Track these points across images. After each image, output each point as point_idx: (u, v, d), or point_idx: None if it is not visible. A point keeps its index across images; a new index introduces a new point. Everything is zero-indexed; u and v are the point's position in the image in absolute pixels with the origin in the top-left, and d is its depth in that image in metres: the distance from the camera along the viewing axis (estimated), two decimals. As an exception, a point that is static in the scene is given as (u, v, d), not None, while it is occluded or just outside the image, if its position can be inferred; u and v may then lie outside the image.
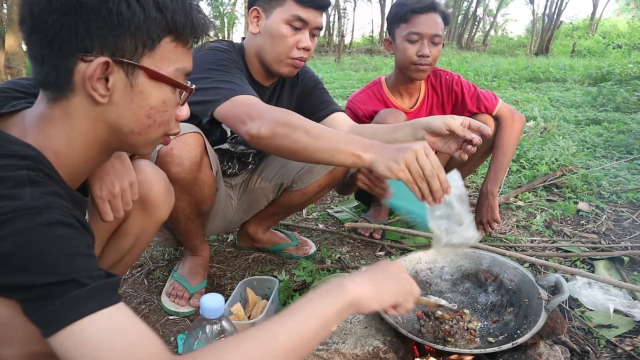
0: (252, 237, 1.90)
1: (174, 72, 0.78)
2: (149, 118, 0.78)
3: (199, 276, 1.65)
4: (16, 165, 0.67)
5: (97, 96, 0.72)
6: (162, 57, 0.75)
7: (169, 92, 0.78)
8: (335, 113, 1.63)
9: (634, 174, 2.74)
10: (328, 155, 1.09)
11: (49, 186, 0.69)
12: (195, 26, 0.78)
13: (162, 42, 0.74)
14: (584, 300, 1.48)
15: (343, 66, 11.51)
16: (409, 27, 1.82)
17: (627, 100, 4.85)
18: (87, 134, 0.77)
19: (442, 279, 1.45)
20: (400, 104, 1.99)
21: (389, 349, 1.13)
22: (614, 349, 1.31)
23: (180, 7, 0.75)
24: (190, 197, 1.45)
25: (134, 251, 1.24)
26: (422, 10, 1.81)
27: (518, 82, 7.35)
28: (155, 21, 0.72)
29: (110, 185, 0.98)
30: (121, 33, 0.70)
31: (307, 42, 1.44)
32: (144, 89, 0.75)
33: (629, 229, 2.08)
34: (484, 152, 2.02)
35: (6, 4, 7.10)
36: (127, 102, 0.75)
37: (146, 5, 0.71)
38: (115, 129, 0.78)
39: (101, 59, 0.69)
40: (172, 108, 0.81)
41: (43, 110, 0.76)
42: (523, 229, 2.13)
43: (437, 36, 1.82)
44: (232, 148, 1.63)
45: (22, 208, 0.63)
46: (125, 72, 0.73)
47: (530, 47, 16.07)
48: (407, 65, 1.86)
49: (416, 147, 1.00)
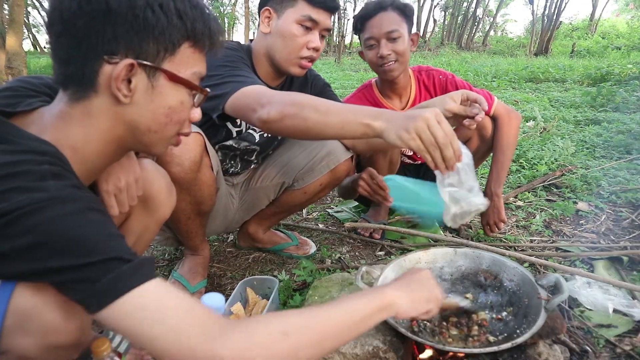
0: (253, 237, 1.90)
1: (191, 76, 0.83)
2: (166, 117, 0.83)
3: (199, 276, 1.65)
4: (37, 161, 0.69)
5: (121, 96, 0.76)
6: (181, 61, 0.81)
7: (185, 94, 0.84)
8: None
9: (633, 174, 2.74)
10: (338, 128, 1.08)
11: (71, 179, 0.72)
12: (212, 33, 0.83)
13: (181, 47, 0.80)
14: (584, 300, 1.48)
15: (343, 66, 11.52)
16: (365, 34, 1.85)
17: (626, 101, 4.85)
18: (105, 133, 0.80)
19: (442, 278, 1.45)
20: (391, 105, 1.99)
21: (389, 349, 1.13)
22: (613, 349, 1.31)
23: (199, 16, 0.80)
24: (190, 197, 1.45)
25: (136, 250, 1.24)
26: (370, 14, 1.82)
27: (518, 83, 7.35)
28: (176, 27, 0.77)
29: (117, 179, 0.99)
30: (145, 37, 0.75)
31: (317, 42, 1.49)
32: (163, 90, 0.80)
33: (628, 229, 2.09)
34: (483, 153, 2.02)
35: (7, 4, 7.10)
36: (148, 102, 0.80)
37: (169, 13, 0.76)
38: (134, 127, 0.82)
39: (127, 61, 0.74)
40: (188, 109, 0.86)
41: (62, 108, 0.79)
42: (522, 229, 2.13)
43: (391, 32, 1.80)
44: (235, 144, 1.64)
45: (50, 198, 0.66)
46: (147, 74, 0.77)
47: (529, 48, 16.07)
48: (377, 69, 1.89)
49: (427, 115, 0.95)
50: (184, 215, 1.50)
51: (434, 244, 1.94)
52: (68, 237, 0.65)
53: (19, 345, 0.74)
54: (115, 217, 1.07)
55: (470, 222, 2.20)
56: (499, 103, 1.94)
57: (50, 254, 0.65)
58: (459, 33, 21.25)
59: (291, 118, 1.13)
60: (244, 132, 1.63)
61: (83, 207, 0.68)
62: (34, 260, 0.65)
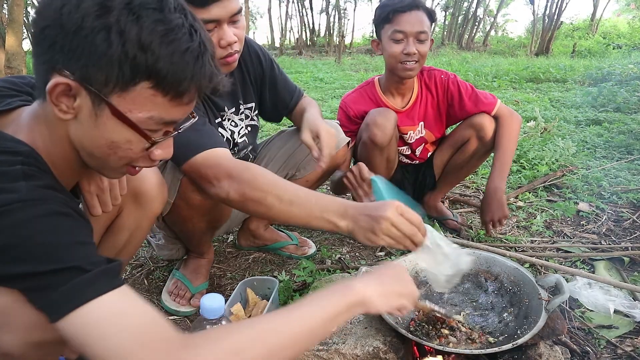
0: (254, 234, 1.90)
1: (145, 120, 0.72)
2: (109, 149, 0.75)
3: (202, 277, 1.65)
4: (10, 161, 0.68)
5: (57, 111, 0.70)
6: (134, 101, 0.70)
7: (134, 135, 0.73)
8: (301, 102, 1.68)
9: (634, 174, 2.74)
10: (304, 222, 1.11)
11: (44, 179, 0.70)
12: (180, 78, 0.70)
13: (137, 86, 0.69)
14: (584, 301, 1.48)
15: (343, 66, 11.50)
16: (393, 27, 1.82)
17: (627, 101, 4.84)
18: (61, 138, 0.76)
19: (442, 279, 1.45)
20: (392, 103, 1.99)
21: (389, 349, 1.13)
22: (614, 350, 1.31)
23: (167, 54, 0.67)
24: (209, 217, 1.49)
25: (130, 247, 1.25)
26: (404, 9, 1.80)
27: (518, 83, 7.34)
28: (133, 60, 0.66)
29: (99, 179, 0.99)
30: (91, 63, 0.66)
31: (228, 38, 1.29)
32: (107, 123, 0.71)
33: (630, 230, 2.08)
34: (481, 155, 2.01)
35: (6, 4, 7.10)
36: (91, 127, 0.72)
37: (128, 42, 0.65)
38: (78, 146, 0.76)
39: (61, 79, 0.67)
40: (138, 148, 0.76)
41: (36, 108, 0.77)
42: (523, 230, 2.13)
43: (422, 33, 1.80)
44: (235, 156, 1.62)
45: (18, 200, 0.64)
46: (92, 100, 0.70)
47: (530, 48, 16.05)
48: (395, 65, 1.86)
49: (389, 215, 1.00)
50: (200, 232, 1.53)
51: (434, 244, 1.93)
52: (31, 243, 0.63)
53: (3, 341, 0.73)
54: (104, 215, 1.07)
55: (471, 223, 2.19)
56: (501, 105, 1.96)
57: (13, 259, 0.63)
58: (459, 33, 21.24)
59: (253, 203, 1.13)
60: (235, 142, 1.60)
61: (51, 210, 0.66)
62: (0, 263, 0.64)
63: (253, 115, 1.66)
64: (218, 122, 1.53)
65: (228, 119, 1.57)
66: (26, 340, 0.74)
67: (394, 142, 1.92)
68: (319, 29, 23.89)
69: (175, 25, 0.69)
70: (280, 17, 44.01)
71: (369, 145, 1.84)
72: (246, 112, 1.63)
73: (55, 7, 0.66)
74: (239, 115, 1.60)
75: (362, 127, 1.88)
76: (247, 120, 1.64)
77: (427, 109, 2.03)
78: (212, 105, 1.51)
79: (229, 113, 1.56)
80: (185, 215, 1.44)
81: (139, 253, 1.95)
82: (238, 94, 1.58)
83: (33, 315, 0.66)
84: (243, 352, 0.66)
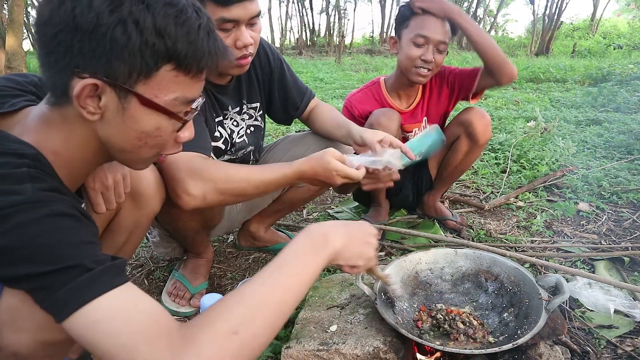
0: (254, 236, 1.89)
1: (171, 101, 0.74)
2: (139, 140, 0.77)
3: (201, 277, 1.65)
4: (15, 163, 0.68)
5: (86, 113, 0.71)
6: (159, 85, 0.72)
7: (164, 119, 0.76)
8: (312, 107, 1.69)
9: (634, 174, 2.74)
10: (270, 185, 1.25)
11: (49, 182, 0.70)
12: (199, 55, 0.73)
13: (160, 70, 0.71)
14: (585, 301, 1.48)
15: (343, 66, 11.50)
16: (417, 29, 1.79)
17: (627, 101, 4.84)
18: (82, 141, 0.77)
19: (443, 279, 1.45)
20: (397, 105, 1.99)
21: (389, 350, 1.13)
22: (615, 350, 1.31)
23: (184, 34, 0.70)
24: (201, 217, 1.47)
25: (128, 246, 1.25)
26: (433, 14, 1.78)
27: (518, 83, 7.33)
28: (152, 48, 0.68)
29: (103, 177, 0.99)
30: (114, 58, 0.67)
31: (245, 39, 1.28)
32: (136, 114, 0.73)
33: (630, 230, 2.08)
34: (473, 150, 1.99)
35: (7, 5, 7.10)
36: (119, 122, 0.74)
37: (145, 31, 0.67)
38: (107, 143, 0.78)
39: (88, 81, 0.68)
40: (167, 134, 0.78)
41: (45, 111, 0.77)
42: (523, 229, 2.13)
43: (443, 43, 1.80)
44: (233, 157, 1.62)
45: (24, 202, 0.64)
46: (117, 94, 0.71)
47: (530, 48, 16.06)
48: (409, 68, 1.85)
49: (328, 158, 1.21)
50: (193, 231, 1.52)
51: (434, 244, 1.93)
52: (35, 244, 0.64)
53: (12, 341, 0.74)
54: (103, 214, 1.07)
55: (471, 223, 2.19)
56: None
57: (18, 260, 0.64)
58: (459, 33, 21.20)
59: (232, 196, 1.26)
60: (231, 141, 1.59)
61: (56, 211, 0.66)
62: (5, 265, 0.64)
63: (257, 115, 1.64)
64: (218, 121, 1.52)
65: (230, 118, 1.56)
66: (34, 340, 0.75)
67: None
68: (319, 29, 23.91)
69: (182, 6, 0.71)
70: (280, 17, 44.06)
71: None
72: (250, 112, 1.62)
73: (66, 10, 0.66)
74: (241, 115, 1.59)
75: (365, 127, 1.88)
76: (250, 120, 1.63)
77: (430, 105, 2.03)
78: (217, 103, 1.50)
79: (232, 112, 1.55)
80: (173, 214, 1.40)
81: (139, 253, 1.95)
82: (243, 93, 1.57)
83: (41, 315, 0.66)
84: (241, 331, 0.68)
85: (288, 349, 1.16)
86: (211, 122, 1.49)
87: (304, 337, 1.19)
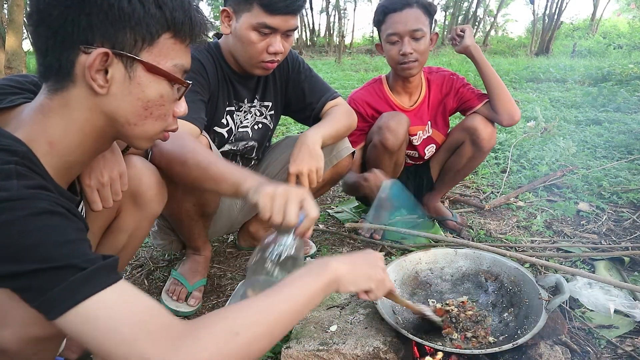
0: (254, 236, 1.89)
1: (171, 68, 0.80)
2: (145, 110, 0.80)
3: (199, 274, 1.65)
4: (5, 160, 0.68)
5: (96, 86, 0.74)
6: (160, 53, 0.78)
7: (166, 86, 0.81)
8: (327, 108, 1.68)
9: (634, 174, 2.73)
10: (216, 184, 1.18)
11: (36, 179, 0.70)
12: (193, 24, 0.81)
13: (161, 38, 0.77)
14: (585, 301, 1.48)
15: (343, 66, 11.48)
16: (387, 29, 1.82)
17: (627, 101, 4.83)
18: (84, 124, 0.79)
19: (443, 279, 1.45)
20: (400, 102, 1.99)
21: (390, 350, 1.13)
22: (615, 350, 1.31)
23: (179, 5, 0.78)
24: (195, 199, 1.46)
25: (129, 248, 1.25)
26: (394, 9, 1.78)
27: (518, 82, 7.33)
28: (154, 17, 0.75)
29: (100, 174, 0.98)
30: (121, 27, 0.73)
31: (277, 47, 1.40)
32: (142, 82, 0.77)
33: (630, 230, 2.08)
34: (476, 157, 2.00)
35: (6, 4, 7.10)
36: (125, 93, 0.77)
37: (146, 2, 0.74)
38: (112, 119, 0.80)
39: (100, 50, 0.72)
40: (169, 103, 0.83)
41: (42, 101, 0.78)
42: (523, 229, 2.13)
43: (416, 31, 1.78)
44: (233, 147, 1.63)
45: (8, 199, 0.64)
46: (124, 64, 0.75)
47: (530, 47, 16.03)
48: (395, 66, 1.87)
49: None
50: (187, 216, 1.50)
51: (434, 244, 1.93)
52: (23, 242, 0.63)
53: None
54: (104, 214, 1.06)
55: (471, 223, 2.19)
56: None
57: (5, 258, 0.63)
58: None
59: (178, 165, 1.20)
60: (235, 132, 1.62)
61: (42, 209, 0.66)
62: None
63: (267, 114, 1.68)
64: (229, 110, 1.56)
65: (244, 111, 1.60)
66: (22, 336, 0.75)
67: (404, 146, 1.93)
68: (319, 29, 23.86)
69: None
70: (280, 17, 43.81)
71: (379, 148, 1.84)
72: (261, 109, 1.66)
73: None
74: (251, 111, 1.63)
75: (373, 129, 1.88)
76: (259, 117, 1.67)
77: (434, 109, 2.03)
78: (233, 93, 1.55)
79: (245, 105, 1.60)
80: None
81: (139, 253, 1.95)
82: (258, 89, 1.63)
83: (28, 311, 0.66)
84: (242, 333, 0.70)
85: (288, 349, 1.16)
86: (221, 107, 1.54)
87: (304, 337, 1.19)
